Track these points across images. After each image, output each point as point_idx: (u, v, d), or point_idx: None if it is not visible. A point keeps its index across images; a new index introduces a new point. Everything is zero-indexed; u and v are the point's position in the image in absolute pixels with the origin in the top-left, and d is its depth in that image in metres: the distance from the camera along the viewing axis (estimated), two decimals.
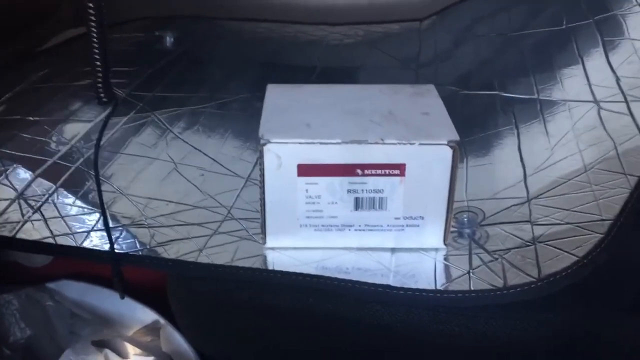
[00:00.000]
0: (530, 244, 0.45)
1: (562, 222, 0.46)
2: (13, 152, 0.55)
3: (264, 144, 0.42)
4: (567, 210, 0.47)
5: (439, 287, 0.43)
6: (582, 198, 0.47)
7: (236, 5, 0.90)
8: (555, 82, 0.61)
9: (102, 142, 0.57)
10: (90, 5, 0.34)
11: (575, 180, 0.49)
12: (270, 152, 0.42)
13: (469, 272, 0.44)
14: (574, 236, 0.44)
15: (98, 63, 0.37)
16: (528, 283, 0.42)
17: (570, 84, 0.60)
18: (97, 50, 0.36)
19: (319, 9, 0.90)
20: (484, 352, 0.44)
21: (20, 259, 0.59)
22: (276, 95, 0.49)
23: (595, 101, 0.56)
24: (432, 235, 0.45)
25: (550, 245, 0.44)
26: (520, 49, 0.70)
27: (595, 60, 0.61)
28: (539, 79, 0.63)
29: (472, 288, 0.42)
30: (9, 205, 0.50)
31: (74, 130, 0.60)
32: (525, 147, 0.55)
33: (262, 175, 0.43)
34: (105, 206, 0.49)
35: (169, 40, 0.82)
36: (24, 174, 0.53)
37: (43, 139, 0.58)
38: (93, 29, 0.35)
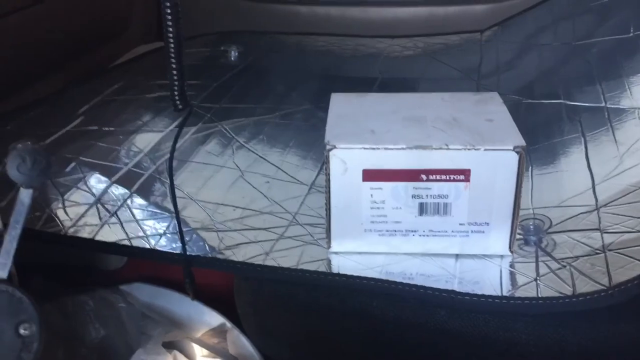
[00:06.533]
0: (600, 252, 0.44)
1: (634, 230, 0.45)
2: (91, 160, 0.59)
3: (330, 149, 0.43)
4: (638, 218, 0.46)
5: (505, 294, 0.42)
6: None
7: (297, 20, 0.93)
8: (623, 90, 0.60)
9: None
10: (168, 11, 0.36)
11: None
12: (336, 157, 0.43)
13: (535, 280, 0.43)
14: None
15: (175, 71, 0.39)
16: (598, 291, 0.41)
17: None
18: (174, 59, 0.38)
19: (379, 21, 0.91)
20: None
21: (96, 262, 0.62)
22: (340, 103, 0.50)
23: None
24: (498, 241, 0.45)
25: (621, 253, 0.43)
26: (585, 57, 0.69)
27: None
28: (605, 87, 0.62)
29: (539, 295, 0.42)
30: (88, 210, 0.52)
31: (146, 140, 0.62)
32: (593, 155, 0.54)
33: (328, 180, 0.44)
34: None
35: (233, 54, 0.85)
36: (101, 181, 0.56)
37: (118, 147, 0.61)
38: (170, 36, 0.37)
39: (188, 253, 0.48)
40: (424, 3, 0.91)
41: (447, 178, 0.43)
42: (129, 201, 0.53)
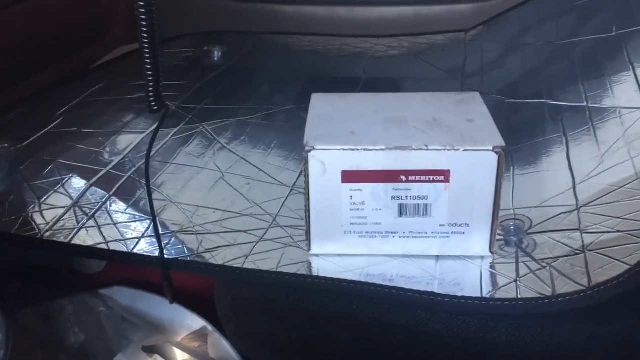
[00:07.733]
0: (579, 252, 0.44)
1: (613, 230, 0.45)
2: (69, 162, 0.58)
3: (309, 151, 0.43)
4: (618, 218, 0.46)
5: (485, 295, 0.42)
6: (633, 206, 0.46)
7: (283, 20, 0.92)
8: (605, 89, 0.60)
9: (152, 153, 0.59)
10: (142, 11, 0.36)
11: (626, 188, 0.48)
12: (315, 159, 0.43)
13: (516, 281, 0.43)
14: (626, 244, 0.43)
15: (149, 72, 0.38)
16: (578, 292, 0.41)
17: (621, 90, 0.59)
18: (148, 59, 0.37)
19: (365, 21, 0.91)
20: None
21: (76, 266, 0.61)
22: (321, 104, 0.49)
23: None
24: (478, 242, 0.45)
25: (600, 254, 0.43)
26: (568, 57, 0.69)
27: None
28: (588, 87, 0.62)
29: (519, 296, 0.42)
30: (65, 213, 0.52)
31: (127, 141, 0.62)
32: (574, 154, 0.54)
33: (307, 182, 0.44)
34: (156, 214, 0.51)
35: (217, 54, 0.84)
36: (79, 183, 0.55)
37: (97, 149, 0.60)
38: (144, 37, 0.37)
39: (167, 256, 0.47)
40: (409, 3, 0.91)
41: (427, 179, 0.43)
42: (107, 204, 0.53)
